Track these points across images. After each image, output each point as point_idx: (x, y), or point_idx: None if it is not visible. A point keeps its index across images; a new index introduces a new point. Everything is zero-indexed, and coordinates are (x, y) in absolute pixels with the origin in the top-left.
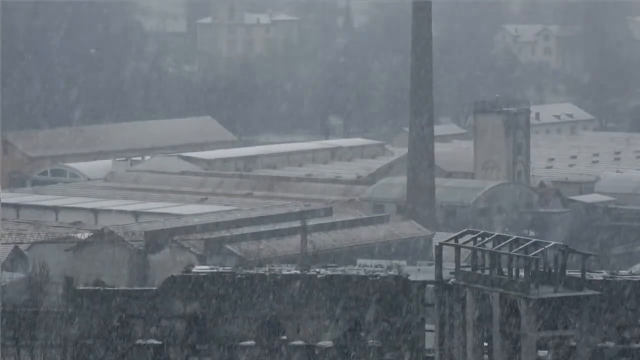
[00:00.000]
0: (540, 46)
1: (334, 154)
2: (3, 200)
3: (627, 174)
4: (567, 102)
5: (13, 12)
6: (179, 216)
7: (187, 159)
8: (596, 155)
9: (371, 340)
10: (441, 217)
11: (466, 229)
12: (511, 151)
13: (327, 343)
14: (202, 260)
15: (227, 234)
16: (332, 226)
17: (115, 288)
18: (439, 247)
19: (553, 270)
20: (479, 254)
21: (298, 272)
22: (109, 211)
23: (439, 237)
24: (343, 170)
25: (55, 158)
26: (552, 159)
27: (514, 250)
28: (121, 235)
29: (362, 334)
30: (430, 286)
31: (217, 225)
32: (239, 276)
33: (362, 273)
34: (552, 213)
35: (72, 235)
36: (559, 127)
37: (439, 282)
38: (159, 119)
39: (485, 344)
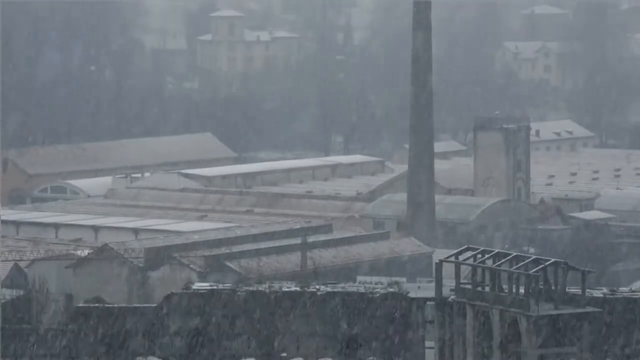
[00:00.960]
0: (540, 63)
1: (334, 170)
2: (3, 218)
3: (627, 191)
4: (567, 119)
5: (11, 29)
6: (179, 233)
7: (187, 175)
8: (596, 172)
9: (371, 357)
10: (441, 234)
11: (466, 246)
12: (511, 168)
13: None
14: (202, 277)
15: (227, 251)
16: (332, 243)
17: (115, 305)
18: (439, 264)
19: (553, 287)
20: (479, 270)
21: (298, 288)
22: (109, 228)
23: (439, 254)
24: (343, 187)
25: (55, 175)
26: (552, 176)
27: (514, 267)
28: (121, 252)
29: (362, 351)
30: (431, 303)
31: (217, 242)
32: (239, 293)
33: (362, 290)
34: (552, 230)
35: (72, 252)
36: (559, 144)
37: (439, 299)
38: (158, 136)
39: None
